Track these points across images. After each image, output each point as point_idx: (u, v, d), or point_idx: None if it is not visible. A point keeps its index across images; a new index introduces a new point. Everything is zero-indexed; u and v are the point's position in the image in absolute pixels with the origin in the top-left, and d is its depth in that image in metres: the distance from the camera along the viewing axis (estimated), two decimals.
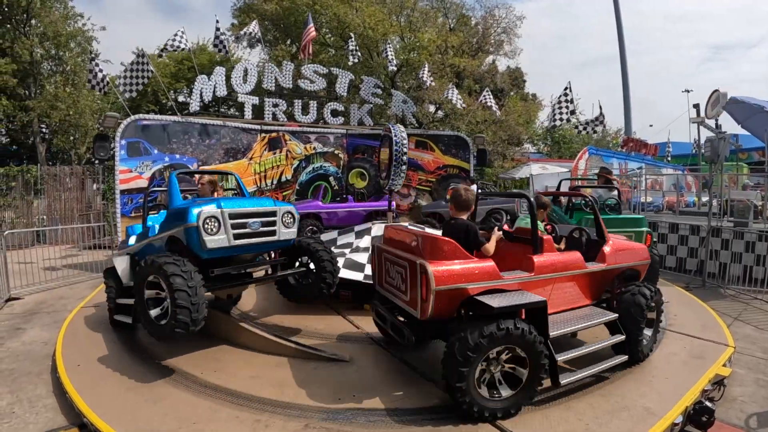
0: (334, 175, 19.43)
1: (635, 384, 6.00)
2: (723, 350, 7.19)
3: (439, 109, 27.68)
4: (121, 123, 14.76)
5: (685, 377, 6.17)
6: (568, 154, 34.79)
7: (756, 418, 5.75)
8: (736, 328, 8.72)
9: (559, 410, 5.36)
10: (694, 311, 9.44)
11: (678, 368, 6.50)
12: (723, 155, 12.16)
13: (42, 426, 5.53)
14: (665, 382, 6.06)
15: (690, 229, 13.44)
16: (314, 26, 21.90)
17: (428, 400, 5.62)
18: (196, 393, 5.82)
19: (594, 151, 25.39)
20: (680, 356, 6.93)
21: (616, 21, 44.37)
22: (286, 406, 5.48)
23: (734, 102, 13.60)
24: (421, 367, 6.47)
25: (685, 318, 8.74)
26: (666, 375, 6.27)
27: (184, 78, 33.40)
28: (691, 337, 7.76)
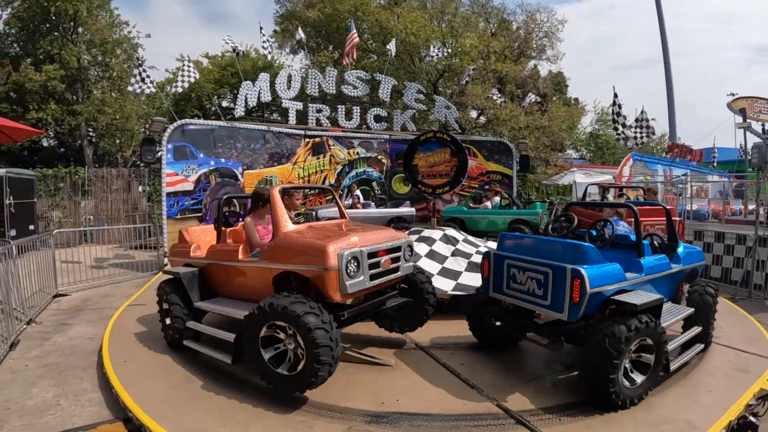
0: (377, 180, 19.51)
1: (677, 397, 5.86)
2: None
3: (482, 114, 27.55)
4: (168, 127, 14.91)
5: (728, 391, 6.00)
6: (612, 160, 34.31)
7: None
8: None
9: (602, 421, 5.29)
10: (739, 323, 9.09)
11: (721, 381, 6.31)
12: None
13: (87, 419, 5.55)
14: (708, 395, 5.91)
15: (736, 238, 12.97)
16: (357, 32, 21.97)
17: (471, 406, 5.57)
18: (240, 393, 5.80)
19: (638, 158, 24.96)
20: (724, 369, 6.72)
21: (659, 23, 43.73)
22: (330, 408, 5.47)
23: None
24: (464, 374, 6.40)
25: (731, 330, 8.43)
26: (709, 388, 6.10)
27: (227, 83, 33.81)
28: (735, 349, 7.50)
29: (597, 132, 39.69)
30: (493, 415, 5.35)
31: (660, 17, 43.66)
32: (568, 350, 6.80)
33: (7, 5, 26.12)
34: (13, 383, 6.41)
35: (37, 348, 7.76)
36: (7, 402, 5.89)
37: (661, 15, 43.64)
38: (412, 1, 32.08)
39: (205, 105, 33.70)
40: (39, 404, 5.85)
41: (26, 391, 6.19)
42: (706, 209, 21.68)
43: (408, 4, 31.42)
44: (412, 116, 20.31)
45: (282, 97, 18.08)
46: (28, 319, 8.94)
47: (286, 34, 32.48)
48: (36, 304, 9.83)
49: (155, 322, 8.55)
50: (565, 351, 6.42)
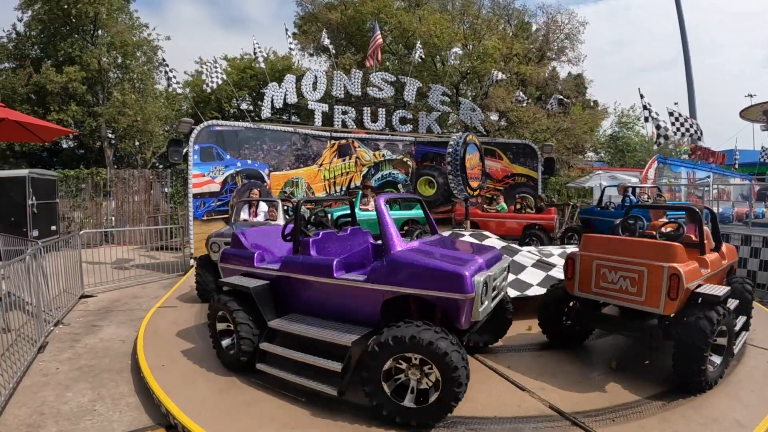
0: (402, 182, 19.37)
1: (723, 397, 5.93)
2: None
3: (503, 117, 27.35)
4: (195, 128, 14.82)
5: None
6: (633, 162, 34.02)
7: None
8: None
9: (654, 421, 5.35)
10: None
11: (761, 382, 6.43)
12: None
13: (127, 425, 5.41)
14: (751, 395, 6.03)
15: (763, 241, 12.85)
16: (380, 33, 21.84)
17: (525, 408, 5.56)
18: (290, 398, 5.66)
19: (662, 160, 24.75)
20: (762, 370, 6.83)
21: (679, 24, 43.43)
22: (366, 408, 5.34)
23: None
24: (512, 376, 6.38)
25: (765, 332, 8.44)
26: (751, 388, 6.21)
27: (246, 86, 33.79)
28: None
29: (617, 134, 39.40)
30: (548, 417, 5.37)
31: (680, 18, 43.38)
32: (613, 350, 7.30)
33: (28, 8, 26.27)
34: (45, 387, 6.28)
35: (67, 350, 7.64)
36: (41, 406, 5.76)
37: (681, 16, 43.38)
38: (432, 3, 31.97)
39: (224, 107, 33.66)
40: (75, 409, 5.71)
41: (60, 394, 6.05)
42: (730, 211, 21.40)
43: (429, 6, 31.30)
44: (438, 118, 20.13)
45: (308, 99, 17.97)
46: (55, 321, 8.84)
47: (308, 36, 32.39)
48: (62, 305, 9.73)
49: (189, 324, 8.49)
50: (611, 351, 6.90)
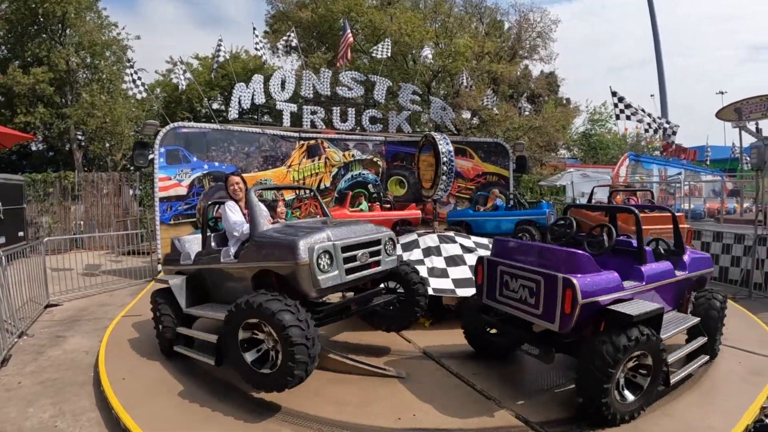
0: (372, 183, 19.37)
1: (697, 403, 5.87)
2: None
3: (476, 115, 27.42)
4: (161, 130, 14.68)
5: (744, 394, 6.05)
6: (605, 159, 34.28)
7: None
8: None
9: (626, 429, 5.24)
10: (745, 324, 9.17)
11: (736, 385, 6.38)
12: None
13: None
14: (726, 400, 5.96)
15: (734, 237, 13.01)
16: (351, 32, 21.79)
17: (491, 419, 5.45)
18: (251, 412, 5.56)
19: (634, 157, 25.00)
20: (738, 372, 6.79)
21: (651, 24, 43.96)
22: (346, 427, 5.27)
23: None
24: (478, 384, 6.26)
25: (738, 331, 8.44)
26: (726, 392, 6.16)
27: (218, 86, 33.57)
28: (745, 351, 7.58)
29: (589, 132, 39.71)
30: (515, 428, 5.27)
31: (653, 18, 43.87)
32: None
33: None
34: (8, 402, 6.14)
35: (31, 363, 7.49)
36: (3, 423, 5.64)
37: (654, 15, 43.85)
38: (404, 1, 31.93)
39: (195, 107, 33.42)
40: (36, 426, 5.60)
41: (22, 410, 5.93)
42: (701, 208, 21.67)
43: (401, 4, 31.28)
44: (408, 118, 20.14)
45: (276, 99, 17.88)
46: (19, 332, 8.63)
47: (278, 36, 32.22)
48: (27, 315, 9.51)
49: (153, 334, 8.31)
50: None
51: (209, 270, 7.00)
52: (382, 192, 19.00)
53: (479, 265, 6.61)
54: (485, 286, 6.52)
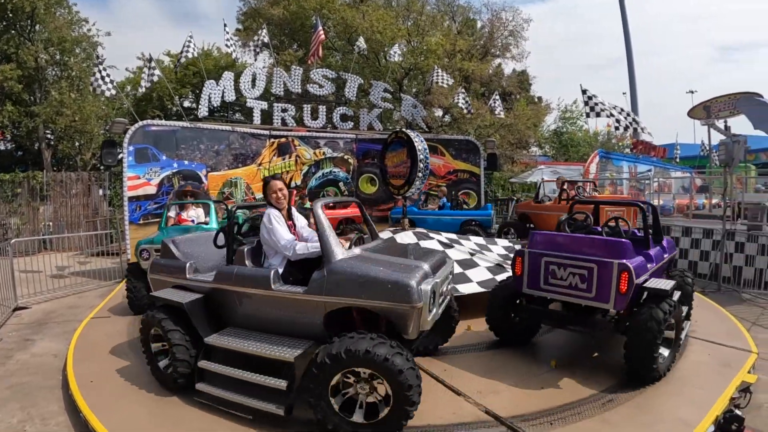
0: (343, 181, 19.39)
1: (667, 394, 5.98)
2: (747, 357, 7.19)
3: (447, 113, 27.52)
4: (129, 129, 14.53)
5: (713, 386, 6.17)
6: (576, 157, 34.64)
7: None
8: (756, 333, 8.62)
9: (595, 422, 5.32)
10: (714, 317, 9.38)
11: (705, 377, 6.50)
12: (738, 158, 12.26)
13: None
14: (695, 391, 6.07)
15: (703, 232, 13.31)
16: (323, 29, 21.77)
17: (460, 415, 5.48)
18: (228, 415, 5.48)
19: (604, 154, 25.25)
20: (707, 364, 6.94)
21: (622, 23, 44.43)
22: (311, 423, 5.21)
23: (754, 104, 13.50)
24: (448, 380, 6.31)
25: (707, 324, 8.70)
26: (695, 384, 6.26)
27: (190, 83, 33.32)
28: (714, 343, 7.76)
29: (561, 129, 40.11)
30: (484, 423, 5.31)
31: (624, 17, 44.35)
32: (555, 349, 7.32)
33: None
34: None
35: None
36: None
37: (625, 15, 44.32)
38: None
39: (166, 105, 33.15)
40: (4, 430, 5.54)
41: None
42: (671, 204, 21.92)
43: (373, 2, 31.29)
44: (379, 115, 20.17)
45: (246, 97, 17.83)
46: None
47: (250, 32, 32.10)
48: None
49: (122, 336, 8.29)
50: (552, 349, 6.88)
51: (241, 293, 5.95)
52: (351, 189, 19.04)
53: (518, 257, 7.11)
54: (526, 276, 7.05)
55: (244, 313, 5.99)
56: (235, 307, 6.05)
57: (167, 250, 7.04)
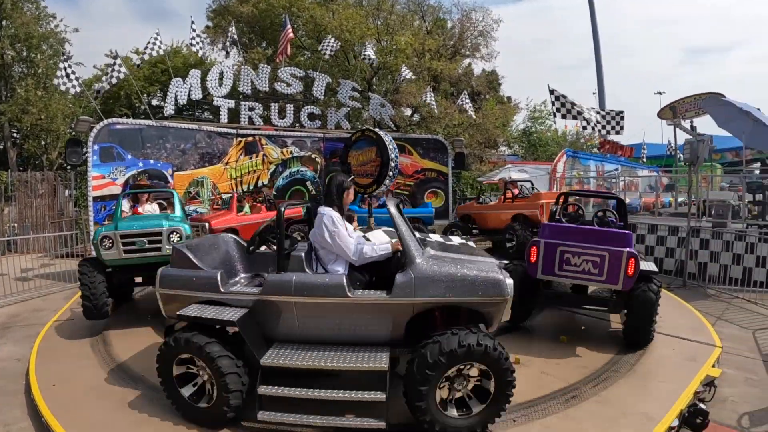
0: (311, 180, 19.39)
1: (631, 389, 6.10)
2: (711, 351, 7.39)
3: (416, 112, 27.63)
4: (94, 127, 14.44)
5: (678, 380, 6.29)
6: (545, 156, 34.96)
7: (748, 417, 5.82)
8: (721, 327, 8.86)
9: (559, 419, 5.38)
10: (679, 312, 9.60)
11: (670, 371, 6.65)
12: (702, 157, 12.42)
13: None
14: (659, 385, 6.19)
15: (668, 229, 13.62)
16: (291, 28, 21.74)
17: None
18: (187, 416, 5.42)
19: (571, 154, 25.48)
20: (672, 359, 7.12)
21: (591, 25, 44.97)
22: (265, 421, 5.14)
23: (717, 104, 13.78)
24: None
25: (672, 319, 8.88)
26: (660, 378, 6.42)
27: (158, 81, 33.01)
28: (679, 338, 7.96)
29: (530, 129, 40.48)
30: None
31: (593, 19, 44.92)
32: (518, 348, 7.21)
33: None
34: None
35: None
36: None
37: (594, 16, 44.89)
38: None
39: (134, 104, 32.82)
40: None
41: None
42: (637, 202, 22.23)
43: (344, 1, 31.26)
44: (347, 114, 20.22)
45: (213, 95, 17.79)
46: None
47: (219, 30, 31.93)
48: None
49: (84, 339, 8.20)
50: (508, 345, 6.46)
51: (304, 304, 5.39)
52: (318, 189, 19.03)
53: (534, 246, 7.87)
54: (541, 263, 7.83)
55: (303, 325, 5.48)
56: (287, 321, 5.50)
57: (182, 258, 5.99)
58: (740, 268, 11.92)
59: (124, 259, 8.70)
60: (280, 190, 18.65)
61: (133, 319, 9.33)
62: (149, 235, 8.77)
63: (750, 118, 12.78)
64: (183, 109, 18.08)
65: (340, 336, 5.45)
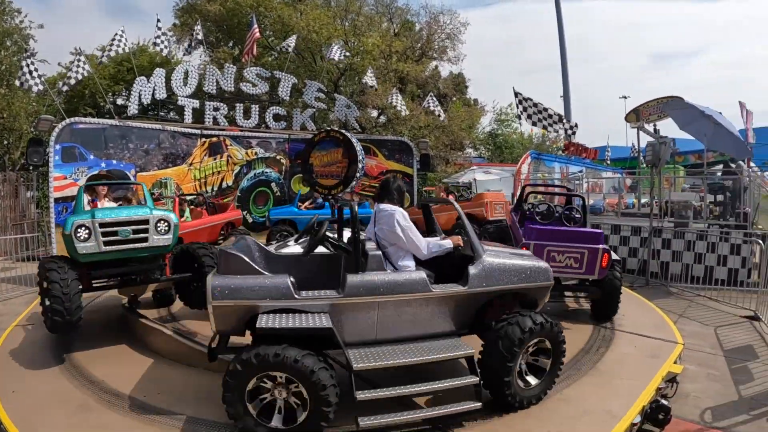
0: (275, 181, 19.39)
1: (593, 387, 6.10)
2: (673, 348, 7.50)
3: (382, 114, 27.73)
4: (56, 126, 14.26)
5: (640, 377, 6.34)
6: (510, 158, 35.30)
7: (710, 412, 5.95)
8: (682, 325, 9.05)
9: (521, 417, 5.35)
10: (641, 310, 9.81)
11: (632, 368, 6.69)
12: (664, 159, 12.73)
13: None
14: (621, 383, 6.23)
15: (631, 230, 13.90)
16: (258, 28, 21.72)
17: None
18: (146, 421, 5.40)
19: (536, 156, 25.79)
20: (633, 356, 7.17)
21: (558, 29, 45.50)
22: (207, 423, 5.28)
23: (678, 107, 14.07)
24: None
25: (634, 317, 9.10)
26: (621, 376, 6.45)
27: (123, 80, 32.63)
28: (641, 336, 8.09)
29: (496, 131, 40.86)
30: None
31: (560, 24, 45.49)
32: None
33: None
34: None
35: None
36: None
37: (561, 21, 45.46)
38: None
39: (99, 103, 32.44)
40: None
41: None
42: (601, 203, 22.55)
43: (312, 1, 31.26)
44: (312, 115, 20.26)
45: (178, 95, 17.71)
46: None
47: (185, 28, 31.71)
48: None
49: (45, 343, 8.01)
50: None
51: (390, 302, 5.37)
52: (283, 190, 19.04)
53: (524, 248, 8.22)
54: None
55: (381, 325, 5.41)
56: (365, 322, 5.36)
57: (238, 263, 5.23)
58: (702, 266, 12.26)
59: (103, 253, 7.19)
60: (244, 191, 18.62)
61: (94, 322, 9.15)
62: (134, 223, 7.37)
63: (711, 122, 13.05)
64: (147, 109, 17.97)
65: (413, 331, 5.56)
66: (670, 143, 13.07)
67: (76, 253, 7.04)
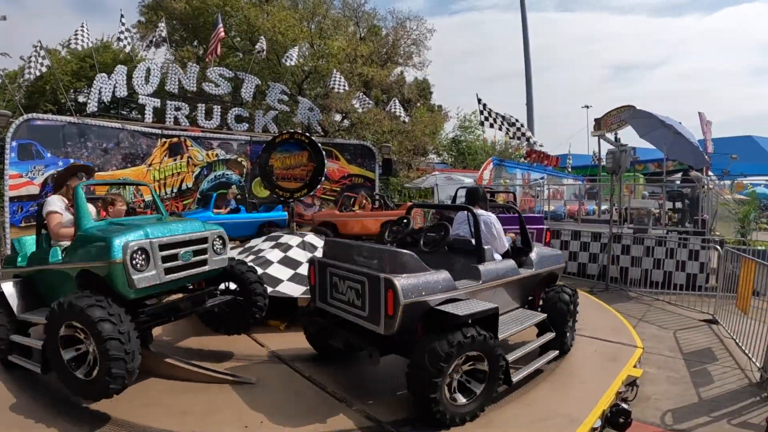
0: (236, 184, 19.27)
1: (553, 391, 6.07)
2: (633, 351, 7.53)
3: (346, 117, 27.78)
4: (13, 122, 14.10)
5: (599, 381, 6.32)
6: (473, 164, 35.60)
7: (671, 414, 6.02)
8: (642, 328, 9.19)
9: (483, 422, 5.23)
10: (600, 315, 9.83)
11: (592, 372, 6.71)
12: (624, 166, 12.89)
13: None
14: (582, 387, 6.22)
15: (591, 236, 14.14)
16: (223, 27, 21.64)
17: (341, 421, 5.24)
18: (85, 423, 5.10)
19: (498, 162, 26.08)
20: (593, 360, 7.17)
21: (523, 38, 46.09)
22: None
23: (639, 116, 14.38)
24: (330, 387, 6.06)
25: (593, 321, 9.03)
26: (581, 380, 6.45)
27: (86, 77, 32.20)
28: (601, 340, 8.07)
29: (459, 138, 41.21)
30: (366, 429, 5.07)
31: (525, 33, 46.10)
32: None
33: None
34: None
35: None
36: None
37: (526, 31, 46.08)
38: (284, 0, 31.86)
39: (60, 99, 32.01)
40: None
41: None
42: (562, 209, 22.89)
43: (279, 3, 31.17)
44: (275, 117, 20.23)
45: (139, 93, 17.55)
46: None
47: (150, 26, 31.39)
48: None
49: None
50: None
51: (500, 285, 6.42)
52: (244, 192, 18.98)
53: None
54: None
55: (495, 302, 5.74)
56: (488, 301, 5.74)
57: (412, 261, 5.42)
58: (661, 272, 12.57)
59: (162, 284, 5.55)
60: (204, 193, 18.42)
61: None
62: (194, 242, 5.94)
63: (671, 131, 13.34)
64: (108, 107, 17.80)
65: (507, 307, 6.72)
66: (630, 151, 13.34)
67: (129, 287, 5.17)
